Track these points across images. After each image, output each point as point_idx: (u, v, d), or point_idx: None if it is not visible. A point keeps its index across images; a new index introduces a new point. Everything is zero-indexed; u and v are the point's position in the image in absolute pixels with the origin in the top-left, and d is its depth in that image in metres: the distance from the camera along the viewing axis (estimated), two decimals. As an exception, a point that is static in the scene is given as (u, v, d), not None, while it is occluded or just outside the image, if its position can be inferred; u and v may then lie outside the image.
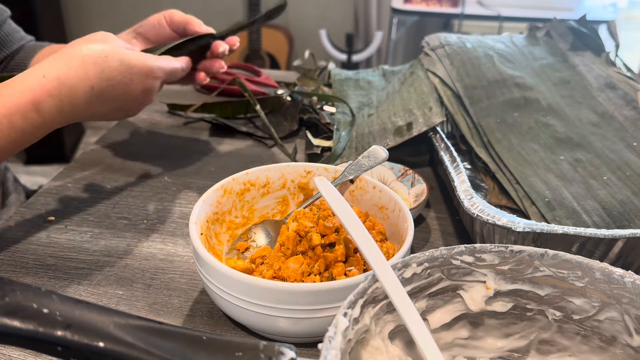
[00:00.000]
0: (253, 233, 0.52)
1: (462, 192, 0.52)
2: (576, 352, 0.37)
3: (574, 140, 0.67)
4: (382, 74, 0.98)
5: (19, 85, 0.48)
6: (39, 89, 0.48)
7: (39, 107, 0.48)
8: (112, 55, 0.52)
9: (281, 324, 0.40)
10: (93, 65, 0.51)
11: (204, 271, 0.42)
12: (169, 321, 0.46)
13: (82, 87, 0.50)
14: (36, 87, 0.48)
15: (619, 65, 0.82)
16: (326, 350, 0.27)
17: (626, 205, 0.56)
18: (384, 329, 0.35)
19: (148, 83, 0.55)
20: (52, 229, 0.58)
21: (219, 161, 0.74)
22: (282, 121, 0.83)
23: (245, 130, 0.81)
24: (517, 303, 0.37)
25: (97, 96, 0.52)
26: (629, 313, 0.33)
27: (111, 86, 0.52)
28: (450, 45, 0.82)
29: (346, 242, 0.46)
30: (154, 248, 0.56)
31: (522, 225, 0.45)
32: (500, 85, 0.75)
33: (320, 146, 0.76)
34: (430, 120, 0.69)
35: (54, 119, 0.50)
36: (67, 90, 0.49)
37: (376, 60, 2.57)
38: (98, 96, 0.52)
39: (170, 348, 0.27)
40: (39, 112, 0.48)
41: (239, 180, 0.53)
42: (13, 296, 0.25)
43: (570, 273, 0.35)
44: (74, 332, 0.25)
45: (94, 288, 0.50)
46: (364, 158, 0.55)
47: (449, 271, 0.36)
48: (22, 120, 0.47)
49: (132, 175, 0.69)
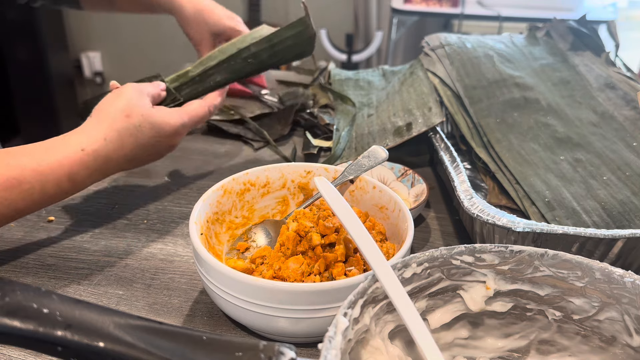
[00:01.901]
0: (253, 233, 0.52)
1: (462, 192, 0.52)
2: (576, 352, 0.37)
3: (574, 140, 0.67)
4: (382, 74, 0.98)
5: (58, 154, 0.50)
6: (77, 162, 0.50)
7: (72, 177, 0.50)
8: (144, 123, 0.55)
9: (281, 324, 0.40)
10: (129, 137, 0.54)
11: (204, 271, 0.42)
12: (169, 321, 0.46)
13: (117, 157, 0.54)
14: (73, 159, 0.50)
15: (618, 65, 0.82)
16: (326, 350, 0.27)
17: (626, 205, 0.56)
18: (384, 329, 0.35)
19: (174, 141, 0.59)
20: (52, 229, 0.58)
21: (219, 161, 0.74)
22: (275, 124, 0.83)
23: (236, 132, 0.81)
24: (517, 303, 0.37)
25: (129, 161, 0.56)
26: (629, 313, 0.33)
27: (142, 151, 0.56)
28: (450, 45, 0.82)
29: (346, 242, 0.46)
30: (154, 248, 0.56)
31: (522, 225, 0.45)
32: (500, 85, 0.75)
33: (318, 146, 0.76)
34: (430, 120, 0.69)
35: (84, 185, 0.53)
36: (102, 161, 0.52)
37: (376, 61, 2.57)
38: (130, 159, 0.56)
39: (170, 348, 0.27)
40: (72, 181, 0.51)
41: (239, 180, 0.53)
42: (13, 296, 0.25)
43: (570, 273, 0.35)
44: (74, 332, 0.25)
45: (94, 288, 0.50)
46: (364, 158, 0.55)
47: (449, 271, 0.36)
48: (54, 188, 0.49)
49: (132, 175, 0.69)
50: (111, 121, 0.53)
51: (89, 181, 0.53)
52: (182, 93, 0.63)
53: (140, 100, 0.56)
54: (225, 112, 0.86)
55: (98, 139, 0.52)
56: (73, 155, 0.50)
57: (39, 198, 0.49)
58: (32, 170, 0.48)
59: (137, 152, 0.55)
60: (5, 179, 0.46)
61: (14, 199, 0.47)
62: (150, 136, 0.55)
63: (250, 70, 0.64)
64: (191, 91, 0.63)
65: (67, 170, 0.50)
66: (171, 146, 0.59)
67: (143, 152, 0.56)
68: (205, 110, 0.62)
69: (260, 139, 0.80)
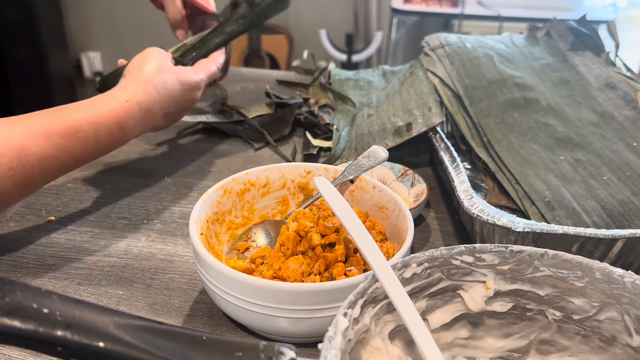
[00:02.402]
0: (253, 233, 0.52)
1: (462, 192, 0.52)
2: (576, 352, 0.37)
3: (574, 140, 0.67)
4: (382, 74, 0.98)
5: (107, 105, 0.55)
6: (123, 111, 0.56)
7: (121, 126, 0.56)
8: (171, 77, 0.62)
9: (281, 324, 0.40)
10: (163, 90, 0.61)
11: (204, 271, 0.42)
12: (169, 321, 0.46)
13: (156, 109, 0.60)
14: (120, 110, 0.56)
15: (618, 65, 0.82)
16: (326, 350, 0.27)
17: (626, 205, 0.56)
18: (384, 329, 0.35)
19: (196, 95, 0.67)
20: (52, 229, 0.58)
21: (219, 161, 0.74)
22: (275, 125, 0.83)
23: (236, 132, 0.81)
24: (517, 303, 0.37)
25: (164, 114, 0.63)
26: (629, 313, 0.33)
27: (174, 104, 0.63)
28: (450, 45, 0.82)
29: (346, 242, 0.46)
30: (154, 248, 0.56)
31: (522, 225, 0.45)
32: (500, 85, 0.75)
33: (318, 146, 0.76)
34: (430, 120, 0.69)
35: (131, 135, 0.58)
36: (145, 112, 0.59)
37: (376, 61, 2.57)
38: (165, 113, 0.63)
39: (170, 348, 0.27)
40: (121, 130, 0.56)
41: (239, 180, 0.53)
42: (13, 296, 0.25)
43: (570, 273, 0.35)
44: (74, 332, 0.25)
45: (94, 288, 0.50)
46: (364, 158, 0.55)
47: (449, 271, 0.36)
48: (106, 136, 0.55)
49: (132, 175, 0.69)
50: (146, 77, 0.60)
51: (134, 132, 0.58)
52: (185, 59, 0.69)
53: (165, 60, 0.64)
54: (226, 112, 0.86)
55: (138, 92, 0.58)
56: (119, 107, 0.56)
57: (93, 146, 0.53)
58: (86, 120, 0.52)
59: (171, 105, 0.62)
60: (64, 127, 0.50)
61: (72, 146, 0.51)
62: (178, 89, 0.63)
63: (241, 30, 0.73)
64: (195, 56, 0.70)
65: (116, 119, 0.55)
66: (194, 100, 0.67)
67: (174, 105, 0.63)
68: (214, 67, 0.70)
69: (260, 139, 0.80)
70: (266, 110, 0.87)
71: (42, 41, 2.32)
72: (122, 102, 0.56)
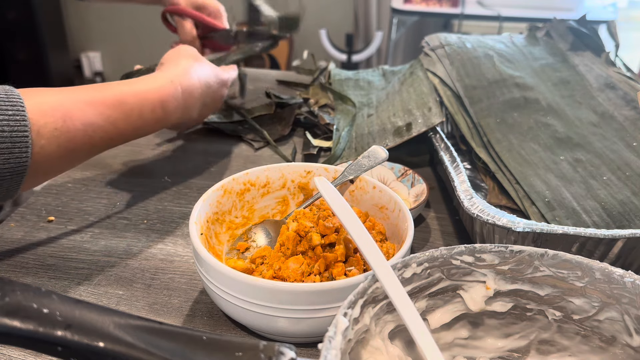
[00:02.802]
0: (253, 233, 0.52)
1: (462, 192, 0.52)
2: (576, 352, 0.37)
3: (574, 140, 0.67)
4: (382, 74, 0.98)
5: (151, 84, 0.56)
6: (167, 91, 0.57)
7: (164, 105, 0.56)
8: (209, 70, 0.66)
9: (281, 324, 0.40)
10: (203, 77, 0.63)
11: (204, 271, 0.42)
12: (169, 321, 0.46)
13: (195, 93, 0.62)
14: (164, 89, 0.57)
15: (619, 65, 0.82)
16: (326, 350, 0.27)
17: (626, 205, 0.56)
18: (384, 329, 0.35)
19: (224, 91, 0.71)
20: (52, 229, 0.58)
21: (219, 161, 0.74)
22: (275, 125, 0.83)
23: (236, 132, 0.81)
24: (517, 303, 0.37)
25: (202, 101, 0.64)
26: (629, 313, 0.33)
27: (210, 95, 0.66)
28: (450, 45, 0.82)
29: (346, 242, 0.46)
30: (154, 248, 0.56)
31: (522, 225, 0.45)
32: (500, 85, 0.75)
33: (318, 146, 0.76)
34: (430, 120, 0.69)
35: (172, 116, 0.59)
36: (187, 95, 0.60)
37: (376, 61, 2.57)
38: (202, 101, 0.64)
39: (170, 348, 0.27)
40: (163, 109, 0.56)
41: (239, 180, 0.53)
42: (13, 296, 0.25)
43: (570, 273, 0.35)
44: (74, 332, 0.25)
45: (94, 288, 0.50)
46: (364, 158, 0.55)
47: (449, 271, 0.36)
48: (150, 112, 0.55)
49: (132, 175, 0.69)
50: (186, 65, 0.62)
51: (175, 114, 0.59)
52: None
53: (195, 53, 0.66)
54: (226, 112, 0.86)
55: (181, 75, 0.60)
56: (163, 86, 0.57)
57: (136, 120, 0.54)
58: (132, 94, 0.53)
59: (208, 95, 0.65)
60: (111, 98, 0.51)
61: (117, 117, 0.51)
62: (214, 81, 0.66)
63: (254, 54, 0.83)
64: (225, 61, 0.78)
65: (160, 97, 0.56)
66: (223, 97, 0.71)
67: (210, 97, 0.66)
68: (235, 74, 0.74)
69: (260, 139, 0.80)
70: (266, 110, 0.87)
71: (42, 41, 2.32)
72: (167, 82, 0.57)
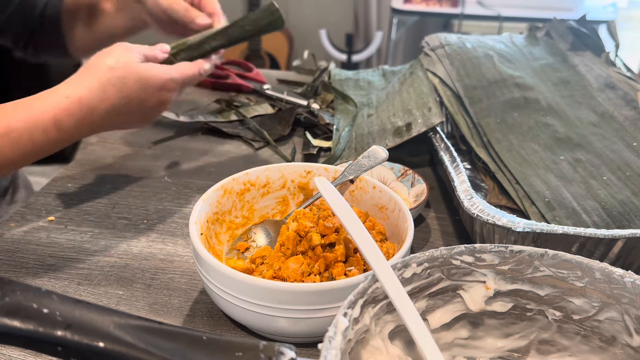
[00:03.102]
0: (253, 233, 0.52)
1: (462, 192, 0.52)
2: (576, 352, 0.37)
3: (574, 140, 0.67)
4: (382, 74, 0.98)
5: (43, 102, 0.52)
6: (61, 108, 0.52)
7: (59, 124, 0.52)
8: (129, 74, 0.55)
9: (281, 324, 0.40)
10: (112, 87, 0.54)
11: (204, 271, 0.42)
12: (169, 321, 0.46)
13: (102, 107, 0.54)
14: (58, 106, 0.52)
15: (619, 65, 0.82)
16: (326, 350, 0.27)
17: (626, 205, 0.56)
18: (384, 329, 0.35)
19: (162, 96, 0.59)
20: (52, 229, 0.58)
21: (219, 161, 0.74)
22: (275, 125, 0.83)
23: (236, 132, 0.81)
24: (517, 303, 0.37)
25: (116, 113, 0.56)
26: (629, 313, 0.33)
27: (129, 103, 0.56)
28: (450, 45, 0.82)
29: (346, 242, 0.46)
30: (154, 248, 0.56)
31: (522, 225, 0.45)
32: (500, 85, 0.75)
33: (318, 146, 0.76)
34: (429, 120, 0.69)
35: (71, 135, 0.54)
36: (88, 110, 0.53)
37: (376, 61, 2.57)
38: (117, 113, 0.56)
39: (170, 348, 0.27)
40: (58, 129, 0.52)
41: (239, 180, 0.53)
42: (13, 296, 0.25)
43: (570, 273, 0.35)
44: (74, 332, 0.25)
45: (94, 288, 0.50)
46: (363, 158, 0.55)
47: (449, 271, 0.36)
48: (42, 135, 0.51)
49: (132, 175, 0.69)
50: (95, 72, 0.55)
51: (75, 132, 0.54)
52: (178, 58, 0.65)
53: (125, 54, 0.57)
54: (225, 112, 0.86)
55: (81, 89, 0.53)
56: (58, 103, 0.52)
57: (28, 146, 0.51)
58: (20, 119, 0.50)
59: (124, 104, 0.56)
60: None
61: (3, 146, 0.49)
62: (136, 88, 0.56)
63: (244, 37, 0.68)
64: (186, 56, 0.65)
65: (52, 116, 0.51)
66: (161, 102, 0.59)
67: (130, 106, 0.56)
68: (195, 70, 0.62)
69: (260, 139, 0.80)
70: (266, 110, 0.87)
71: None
72: (62, 99, 0.52)
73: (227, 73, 0.97)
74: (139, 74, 0.56)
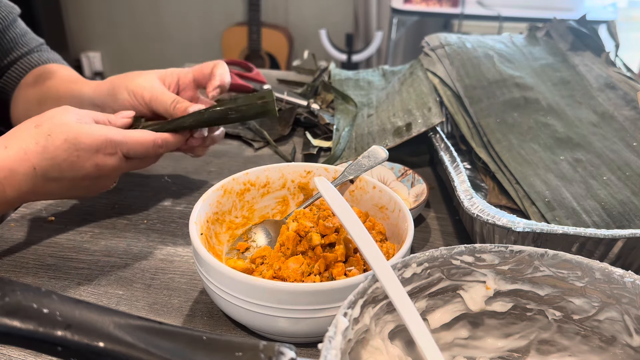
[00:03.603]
0: (253, 233, 0.52)
1: (462, 192, 0.52)
2: (576, 352, 0.37)
3: (574, 140, 0.67)
4: (382, 74, 0.98)
5: None
6: None
7: None
8: (56, 132, 0.48)
9: (281, 324, 0.40)
10: (34, 145, 0.48)
11: (204, 271, 0.42)
12: (169, 321, 0.46)
13: (22, 168, 0.47)
14: None
15: (619, 65, 0.82)
16: (326, 350, 0.27)
17: (626, 205, 0.56)
18: (384, 329, 0.35)
19: (99, 159, 0.50)
20: (52, 229, 0.58)
21: (219, 161, 0.74)
22: (275, 125, 0.83)
23: (236, 132, 0.81)
24: (517, 303, 0.37)
25: (42, 176, 0.48)
26: (629, 313, 0.33)
27: (56, 165, 0.48)
28: (450, 45, 0.82)
29: (346, 242, 0.46)
30: (154, 248, 0.56)
31: (522, 225, 0.45)
32: (500, 85, 0.75)
33: (318, 146, 0.76)
34: (429, 120, 0.69)
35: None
36: (7, 173, 0.47)
37: (376, 61, 2.57)
38: (43, 176, 0.48)
39: (170, 348, 0.27)
40: None
41: (239, 180, 0.53)
42: (13, 296, 0.25)
43: (570, 273, 0.35)
44: (74, 332, 0.25)
45: (94, 288, 0.50)
46: (363, 158, 0.55)
47: (449, 271, 0.36)
48: None
49: (132, 175, 0.69)
50: (18, 132, 0.48)
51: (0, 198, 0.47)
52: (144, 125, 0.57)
53: (59, 113, 0.50)
54: None
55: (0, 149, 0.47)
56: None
57: None
58: None
59: (50, 167, 0.48)
60: None
61: None
62: (64, 148, 0.48)
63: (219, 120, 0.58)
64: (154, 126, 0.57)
65: None
66: (98, 166, 0.50)
67: (61, 170, 0.49)
68: (151, 139, 0.53)
69: (260, 139, 0.80)
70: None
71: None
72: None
73: None
74: (67, 133, 0.48)
